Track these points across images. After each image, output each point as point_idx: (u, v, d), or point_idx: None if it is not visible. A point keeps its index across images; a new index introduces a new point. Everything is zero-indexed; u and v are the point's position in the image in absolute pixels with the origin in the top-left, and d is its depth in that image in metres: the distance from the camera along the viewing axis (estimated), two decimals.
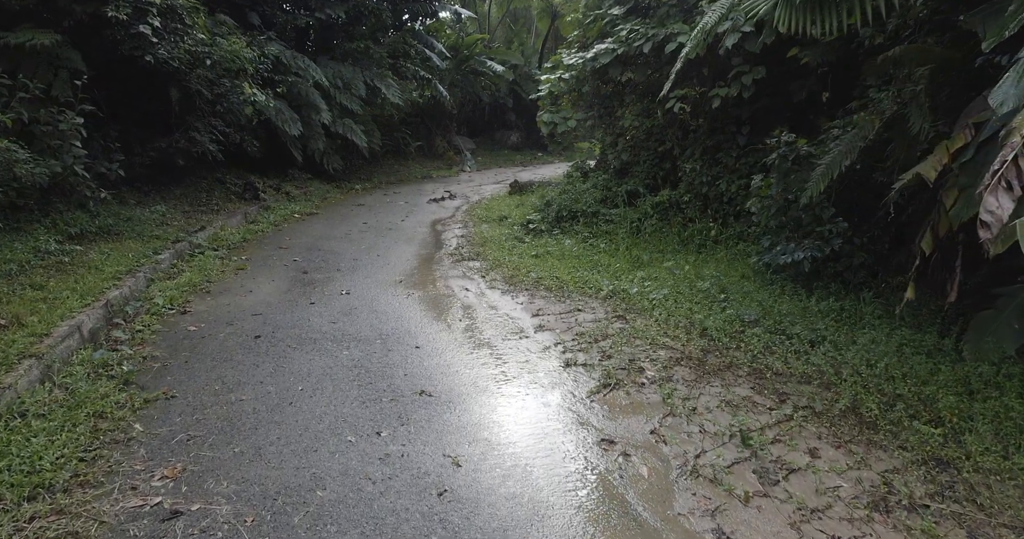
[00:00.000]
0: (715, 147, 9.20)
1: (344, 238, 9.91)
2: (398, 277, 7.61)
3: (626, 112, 10.56)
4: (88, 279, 6.16)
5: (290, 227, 10.76)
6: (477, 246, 9.31)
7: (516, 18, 31.76)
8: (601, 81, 11.07)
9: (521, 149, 28.04)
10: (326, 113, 14.60)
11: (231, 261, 8.15)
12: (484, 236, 9.88)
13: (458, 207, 13.62)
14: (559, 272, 7.60)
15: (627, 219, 9.52)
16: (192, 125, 10.54)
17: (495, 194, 15.41)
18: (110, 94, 9.73)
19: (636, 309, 6.26)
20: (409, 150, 21.40)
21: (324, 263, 8.24)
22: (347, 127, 15.58)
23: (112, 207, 8.67)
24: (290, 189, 13.52)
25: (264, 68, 12.05)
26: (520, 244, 9.21)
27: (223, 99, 10.82)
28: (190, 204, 10.61)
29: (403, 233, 10.50)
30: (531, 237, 9.57)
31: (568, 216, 9.95)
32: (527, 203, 12.45)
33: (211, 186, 11.76)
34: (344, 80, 15.74)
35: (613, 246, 8.85)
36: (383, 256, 8.72)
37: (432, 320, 6.03)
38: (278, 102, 13.35)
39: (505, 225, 10.71)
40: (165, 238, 8.22)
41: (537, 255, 8.47)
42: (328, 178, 15.76)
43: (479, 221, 11.49)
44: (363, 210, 12.84)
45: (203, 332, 5.57)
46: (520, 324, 5.93)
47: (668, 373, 4.80)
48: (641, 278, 7.22)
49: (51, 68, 7.78)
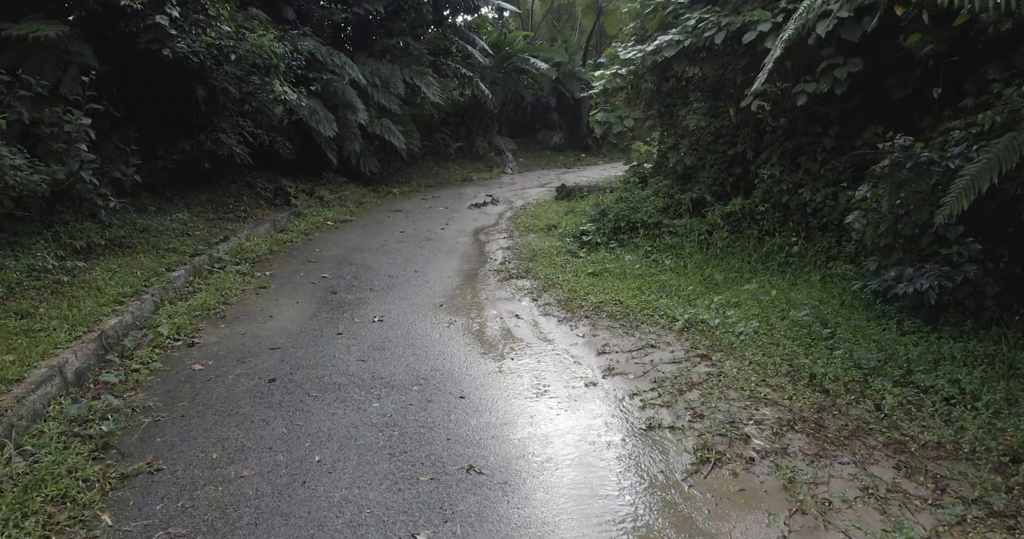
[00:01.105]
0: (796, 150, 8.10)
1: (379, 250, 9.04)
2: (438, 299, 6.68)
3: (691, 111, 9.50)
4: (85, 304, 5.35)
5: (322, 236, 9.94)
6: (525, 261, 8.34)
7: (560, 15, 30.73)
8: (662, 77, 10.02)
9: (564, 150, 27.02)
10: (363, 113, 13.80)
11: (253, 278, 7.31)
12: (532, 249, 8.91)
13: (501, 213, 12.68)
14: (622, 295, 6.60)
15: (694, 231, 8.46)
16: (218, 126, 9.79)
17: (540, 199, 14.43)
18: (129, 93, 9.02)
19: (721, 346, 5.22)
20: (449, 151, 20.56)
21: (356, 281, 7.36)
22: (385, 128, 14.76)
23: (128, 216, 7.93)
24: (324, 193, 12.74)
25: (297, 65, 11.26)
26: (574, 259, 8.22)
27: (252, 98, 10.06)
28: (216, 211, 9.86)
29: (443, 244, 9.59)
30: (586, 251, 8.56)
31: (627, 227, 8.92)
32: (577, 210, 11.44)
33: (240, 191, 11.02)
34: (382, 78, 14.93)
35: (680, 263, 7.80)
36: (421, 272, 7.80)
37: (478, 358, 5.08)
38: (312, 101, 12.57)
39: (555, 236, 9.73)
40: (182, 251, 7.42)
41: (595, 273, 7.47)
42: (364, 181, 14.97)
43: (525, 230, 10.53)
44: (400, 217, 11.97)
45: (209, 372, 4.70)
46: (584, 365, 4.94)
47: (781, 442, 3.76)
48: (720, 305, 6.18)
49: (59, 63, 7.03)
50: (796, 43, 7.64)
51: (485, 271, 7.94)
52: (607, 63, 11.83)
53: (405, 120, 16.22)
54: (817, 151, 7.84)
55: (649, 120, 10.11)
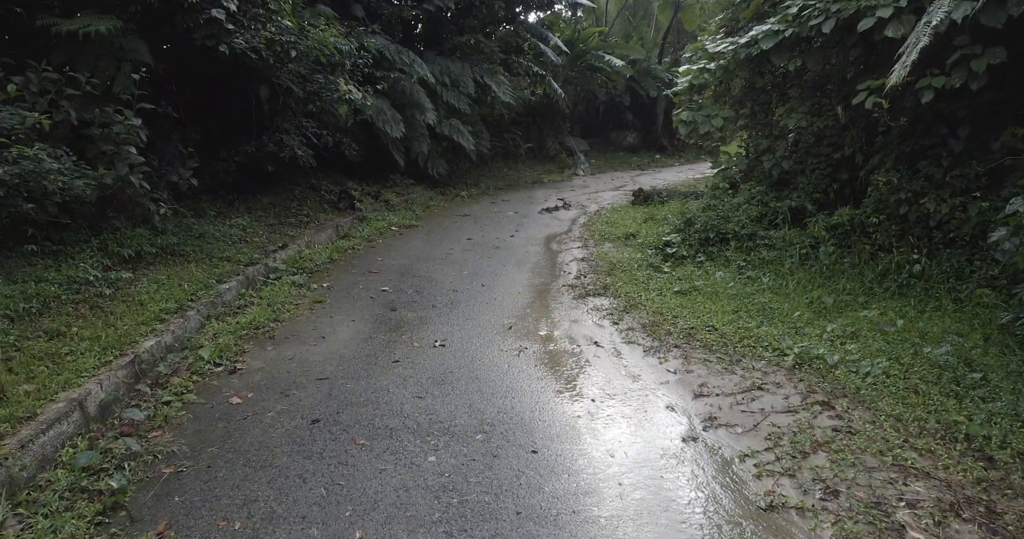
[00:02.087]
0: (916, 154, 7.08)
1: (444, 259, 8.43)
2: (506, 320, 5.99)
3: (789, 109, 8.52)
4: (124, 321, 4.89)
5: (385, 243, 9.40)
6: (603, 275, 7.57)
7: (635, 11, 29.68)
8: (756, 71, 9.06)
9: (637, 150, 26.01)
10: (431, 113, 13.28)
11: (309, 291, 6.79)
12: (610, 261, 8.12)
13: (574, 219, 11.91)
14: (716, 319, 5.76)
15: (794, 245, 7.50)
16: (280, 126, 9.38)
17: (615, 204, 13.60)
18: (190, 93, 8.69)
19: (845, 391, 4.34)
20: (519, 152, 19.91)
21: (418, 295, 6.75)
22: (454, 128, 14.21)
23: (184, 221, 7.55)
24: (390, 197, 12.26)
25: (364, 63, 10.79)
26: (657, 275, 7.39)
27: (316, 97, 9.61)
28: (277, 215, 9.45)
29: (512, 253, 8.90)
30: (671, 265, 7.71)
31: (716, 239, 8.02)
32: (657, 217, 10.58)
33: (304, 194, 10.63)
34: (452, 77, 14.39)
35: (780, 282, 6.88)
36: (489, 287, 7.13)
37: (552, 397, 4.35)
38: (379, 101, 12.11)
39: (634, 246, 8.91)
40: (237, 260, 6.97)
41: (682, 292, 6.63)
42: (432, 183, 14.46)
43: (601, 239, 9.74)
44: (468, 222, 11.36)
45: (248, 408, 4.13)
46: (679, 411, 4.15)
47: (945, 534, 2.90)
48: (835, 335, 5.27)
49: (112, 61, 6.67)
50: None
51: (558, 286, 7.20)
52: (692, 57, 10.93)
53: (474, 120, 15.65)
54: (942, 155, 6.80)
55: (741, 119, 9.16)
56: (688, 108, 9.73)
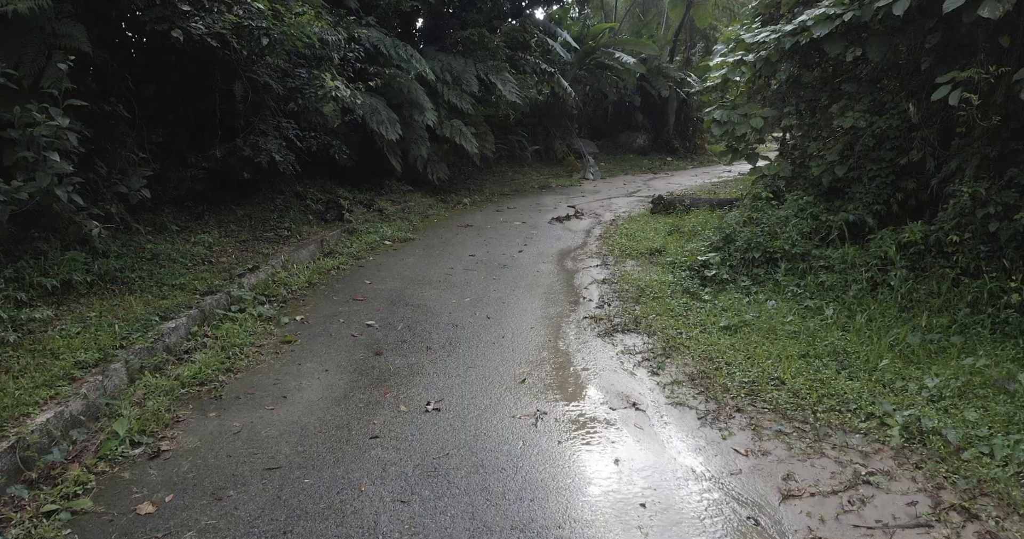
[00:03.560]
0: (1005, 159, 5.96)
1: (443, 282, 7.25)
2: (518, 368, 4.80)
3: (844, 107, 7.33)
4: (19, 382, 3.73)
5: (376, 261, 8.22)
6: (630, 302, 6.38)
7: (646, 8, 28.50)
8: (804, 63, 7.87)
9: (648, 153, 24.80)
10: (431, 113, 12.11)
11: (278, 326, 5.61)
12: (637, 284, 6.93)
13: (588, 230, 10.72)
14: (781, 368, 4.58)
15: (857, 267, 6.31)
16: (257, 128, 8.22)
17: (632, 212, 12.40)
18: (154, 90, 7.53)
19: (984, 487, 3.15)
20: (525, 155, 18.74)
21: (409, 332, 5.56)
22: (455, 130, 13.04)
23: (136, 240, 6.40)
24: (384, 205, 11.07)
25: (355, 56, 9.62)
26: (697, 304, 6.19)
27: (297, 94, 8.45)
28: (252, 229, 8.28)
29: (521, 274, 7.71)
30: (711, 292, 6.51)
31: (763, 259, 6.82)
32: (684, 229, 9.38)
33: (286, 204, 9.46)
34: (454, 74, 13.22)
35: (845, 313, 5.69)
36: (495, 319, 5.95)
37: (588, 503, 3.15)
38: (373, 99, 10.95)
39: (662, 265, 7.71)
40: (193, 288, 5.80)
41: (731, 328, 5.44)
42: (431, 190, 13.28)
43: (622, 256, 8.54)
44: (471, 234, 10.18)
45: (159, 522, 2.93)
46: (766, 525, 2.96)
47: None
48: (941, 395, 4.09)
49: (44, 49, 5.52)
50: (1018, 13, 5.54)
51: (578, 318, 6.01)
52: (725, 49, 9.75)
53: (478, 121, 14.49)
54: None
55: (785, 119, 7.97)
56: (722, 106, 8.55)
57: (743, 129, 8.12)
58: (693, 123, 25.77)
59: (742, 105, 8.38)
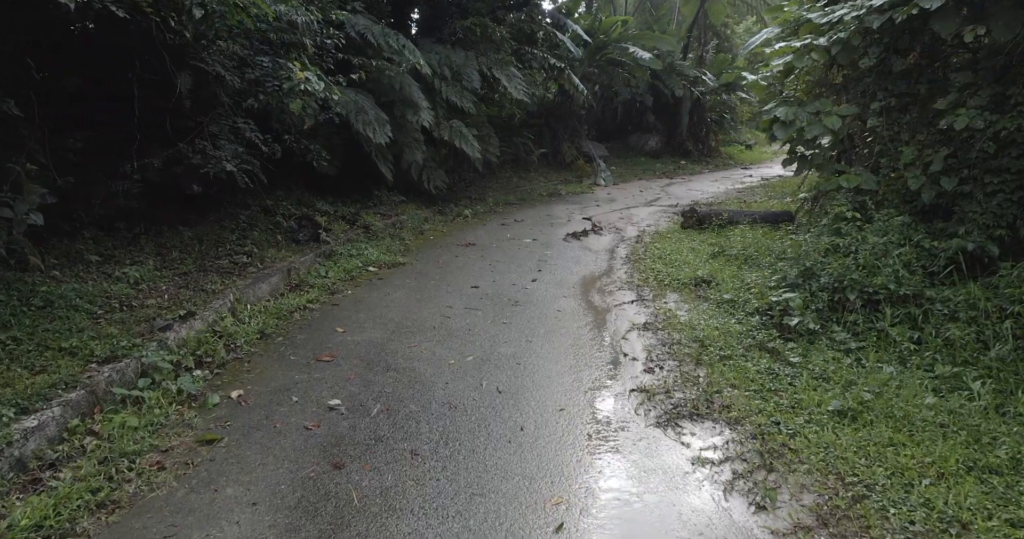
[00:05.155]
0: None
1: (439, 328, 5.61)
2: (546, 488, 3.16)
3: (954, 103, 5.70)
4: None
5: (355, 297, 6.57)
6: (689, 362, 4.74)
7: (658, 4, 26.86)
8: (894, 48, 6.24)
9: (660, 156, 23.19)
10: (427, 112, 10.46)
11: (202, 412, 3.97)
12: (691, 332, 5.29)
13: (612, 250, 9.08)
14: (953, 498, 2.95)
15: (987, 314, 4.68)
16: (206, 130, 6.58)
17: (658, 226, 10.76)
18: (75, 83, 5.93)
19: None
20: (531, 159, 17.07)
21: (388, 422, 3.92)
22: (455, 131, 11.38)
23: (26, 279, 4.78)
24: (371, 220, 9.42)
25: (334, 44, 7.97)
26: (782, 366, 4.53)
27: (259, 88, 6.82)
28: (202, 256, 6.65)
29: (538, 313, 6.08)
30: (798, 348, 4.83)
31: (860, 300, 5.17)
32: (730, 252, 7.72)
33: (251, 221, 7.82)
34: (453, 68, 11.56)
35: (997, 386, 4.07)
36: (510, 393, 4.31)
37: None
38: (360, 96, 9.32)
39: (715, 302, 6.07)
40: (88, 353, 4.16)
41: (847, 414, 3.81)
42: (427, 200, 11.63)
43: (660, 286, 6.91)
44: (473, 256, 8.54)
45: None
46: None
47: None
48: None
49: None
50: None
51: (623, 390, 4.37)
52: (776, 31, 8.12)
53: (480, 122, 12.83)
54: None
55: (871, 117, 6.32)
56: (785, 102, 6.91)
57: (815, 130, 6.48)
58: (707, 124, 24.30)
59: (811, 101, 6.74)
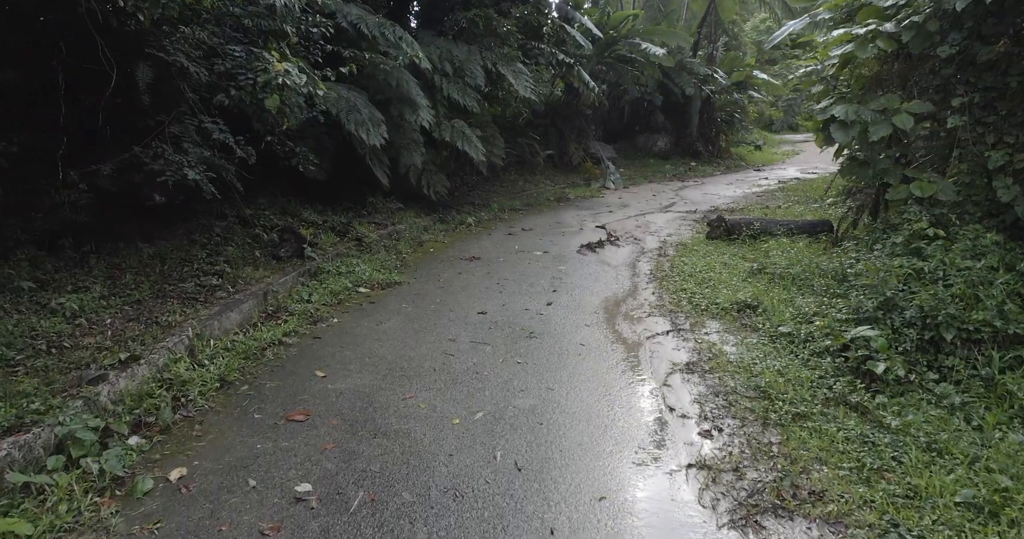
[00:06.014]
0: None
1: (439, 371, 4.64)
2: None
3: None
4: None
5: (340, 328, 5.60)
6: (753, 423, 3.77)
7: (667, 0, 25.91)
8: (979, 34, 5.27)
9: (669, 157, 22.24)
10: (426, 111, 9.50)
11: (126, 505, 3.00)
12: (748, 377, 4.32)
13: (633, 264, 8.11)
14: None
15: None
16: (166, 131, 5.61)
17: (680, 236, 9.78)
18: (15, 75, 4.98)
19: None
20: (537, 161, 16.09)
21: (371, 521, 2.93)
22: (457, 132, 10.41)
23: None
24: (365, 231, 8.45)
25: (320, 33, 7.00)
26: (873, 430, 3.56)
27: (230, 81, 5.85)
28: (162, 278, 5.68)
29: (558, 349, 5.11)
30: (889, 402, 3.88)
31: (959, 340, 4.20)
32: (773, 270, 6.73)
33: (226, 235, 6.86)
34: (455, 63, 10.59)
35: None
36: (532, 471, 3.34)
37: None
38: (352, 93, 8.36)
39: (767, 333, 5.10)
40: None
41: (983, 508, 2.85)
42: (427, 206, 10.65)
43: (696, 312, 5.94)
44: (478, 272, 7.57)
45: None
46: None
47: None
48: None
49: None
50: None
51: (677, 465, 3.39)
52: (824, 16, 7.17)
53: (485, 122, 11.85)
54: None
55: (951, 116, 5.34)
56: (843, 99, 5.94)
57: (881, 131, 5.50)
58: (716, 124, 23.40)
59: (874, 97, 5.76)
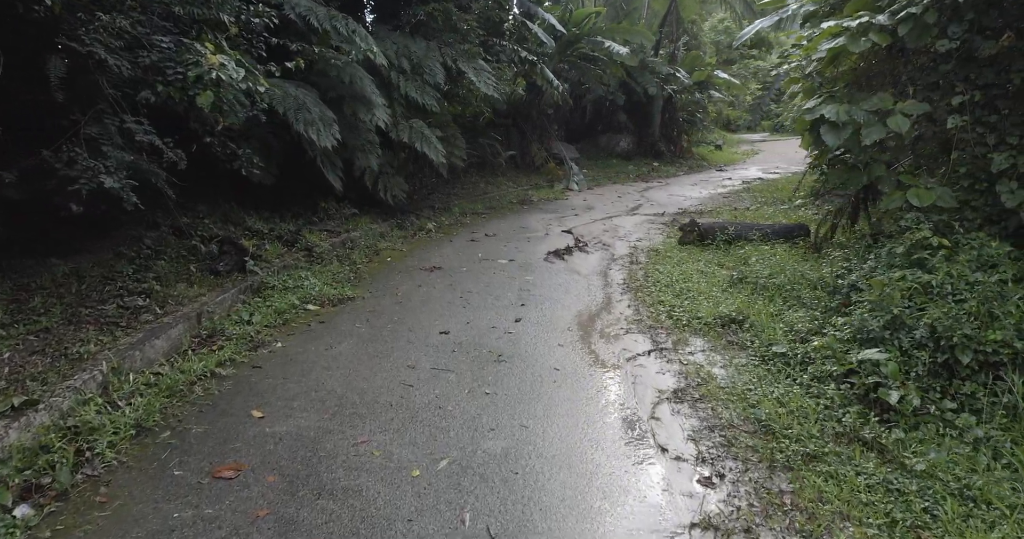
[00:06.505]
0: None
1: (396, 409, 4.07)
2: None
3: None
4: None
5: (284, 354, 4.98)
6: (759, 467, 3.28)
7: None
8: (980, 27, 4.90)
9: (632, 157, 21.96)
10: (383, 110, 8.89)
11: None
12: (743, 406, 3.85)
13: (604, 273, 7.62)
14: None
15: None
16: (81, 131, 4.92)
17: (651, 241, 9.35)
18: None
19: None
20: (499, 162, 15.55)
21: None
22: (416, 133, 9.81)
23: None
24: (316, 240, 7.80)
25: (263, 24, 6.35)
26: (897, 474, 3.13)
27: (157, 76, 5.17)
28: (78, 300, 4.97)
29: (530, 377, 4.58)
30: (911, 442, 3.43)
31: (975, 363, 3.79)
32: (754, 279, 6.31)
33: (158, 247, 6.16)
34: (412, 60, 9.99)
35: None
36: None
37: None
38: (300, 90, 7.72)
39: (755, 353, 4.66)
40: None
41: None
42: (384, 211, 10.03)
43: (677, 327, 5.46)
44: (440, 284, 6.99)
45: None
46: None
47: None
48: None
49: None
50: None
51: (679, 526, 2.90)
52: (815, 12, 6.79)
53: (445, 122, 11.25)
54: None
55: (951, 116, 4.96)
56: (832, 98, 5.53)
57: (875, 134, 5.10)
58: (678, 124, 23.25)
59: (866, 96, 5.36)
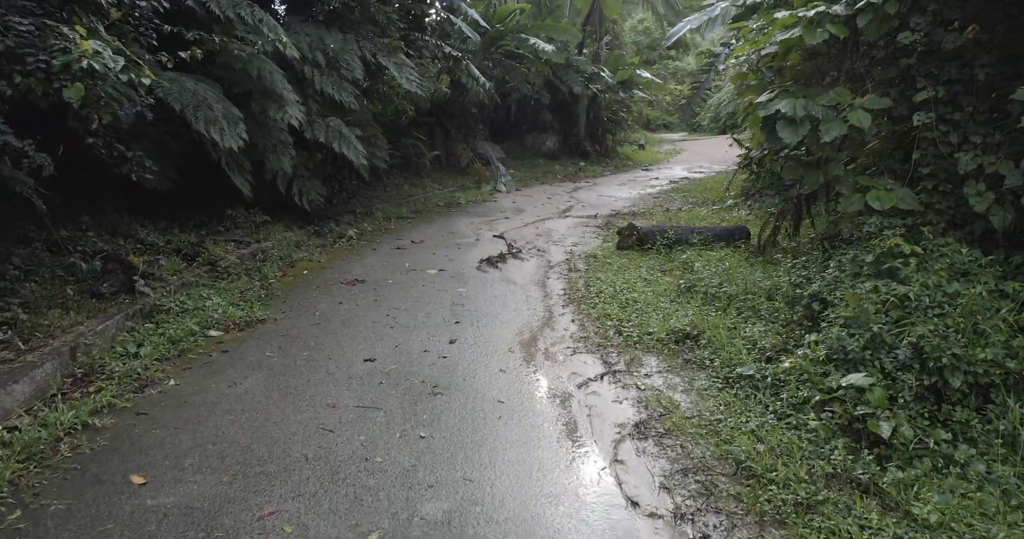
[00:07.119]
0: None
1: (313, 465, 3.39)
2: None
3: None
4: None
5: (177, 396, 4.20)
6: (746, 521, 2.80)
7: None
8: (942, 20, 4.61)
9: (558, 157, 21.69)
10: (296, 108, 8.11)
11: None
12: (715, 442, 3.39)
13: (542, 282, 7.11)
14: None
15: None
16: None
17: (587, 245, 8.90)
18: None
19: None
20: (423, 163, 14.85)
21: None
22: (333, 132, 9.03)
23: None
24: (221, 252, 6.94)
25: (150, 7, 5.51)
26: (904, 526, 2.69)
27: (15, 64, 4.30)
28: None
29: (471, 412, 3.98)
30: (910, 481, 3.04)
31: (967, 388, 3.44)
32: (704, 288, 5.92)
33: (28, 268, 5.23)
34: (328, 54, 9.22)
35: None
36: None
37: None
38: (200, 85, 6.86)
39: (716, 373, 4.24)
40: None
41: None
42: (300, 217, 9.21)
43: (627, 344, 4.98)
44: (363, 301, 6.30)
45: None
46: None
47: None
48: None
49: None
50: None
51: None
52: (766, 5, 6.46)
53: (365, 120, 10.49)
54: None
55: (916, 113, 4.65)
56: (787, 93, 5.17)
57: (835, 130, 4.76)
58: (603, 123, 23.15)
59: (822, 92, 5.02)
